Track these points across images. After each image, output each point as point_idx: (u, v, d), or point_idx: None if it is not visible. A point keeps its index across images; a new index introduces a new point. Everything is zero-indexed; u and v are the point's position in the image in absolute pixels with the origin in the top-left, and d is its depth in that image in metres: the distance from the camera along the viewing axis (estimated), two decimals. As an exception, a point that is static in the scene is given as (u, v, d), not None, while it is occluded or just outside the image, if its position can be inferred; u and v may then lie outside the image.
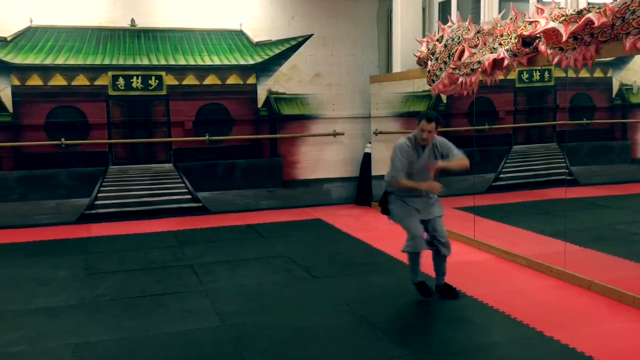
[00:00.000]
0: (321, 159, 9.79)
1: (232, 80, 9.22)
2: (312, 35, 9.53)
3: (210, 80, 9.13)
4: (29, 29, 8.31)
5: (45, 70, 8.41)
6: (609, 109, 10.71)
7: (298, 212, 9.31)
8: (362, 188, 9.78)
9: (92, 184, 8.77)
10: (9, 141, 8.35)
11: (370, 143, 9.65)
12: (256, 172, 9.50)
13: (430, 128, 4.99)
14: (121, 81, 8.75)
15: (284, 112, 9.52)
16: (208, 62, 9.09)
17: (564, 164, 9.90)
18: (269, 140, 9.52)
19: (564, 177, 9.42)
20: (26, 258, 6.78)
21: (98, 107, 8.69)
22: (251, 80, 9.32)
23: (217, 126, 9.22)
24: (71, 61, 8.49)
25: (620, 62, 10.42)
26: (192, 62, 9.03)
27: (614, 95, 10.57)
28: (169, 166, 9.15)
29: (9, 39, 8.24)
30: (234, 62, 9.20)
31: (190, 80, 9.04)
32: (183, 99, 9.04)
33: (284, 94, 9.49)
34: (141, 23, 8.76)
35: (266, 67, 9.37)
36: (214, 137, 9.20)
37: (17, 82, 8.32)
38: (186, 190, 9.23)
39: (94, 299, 5.35)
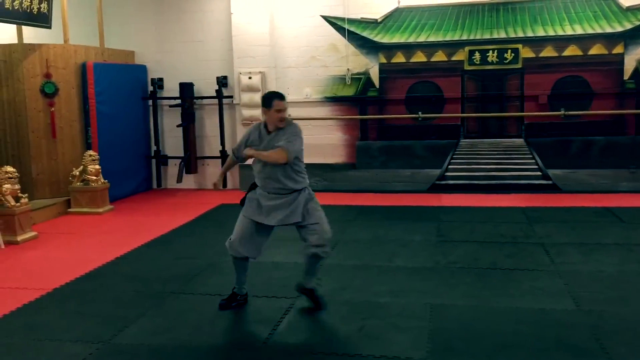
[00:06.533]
0: (701, 138, 8.44)
1: (595, 50, 8.53)
2: (699, -7, 8.19)
3: (570, 51, 8.60)
4: (396, 10, 9.01)
5: (408, 48, 9.03)
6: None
7: (667, 197, 8.22)
8: None
9: (444, 156, 9.17)
10: (375, 114, 9.27)
11: None
12: (617, 150, 8.68)
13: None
14: (477, 56, 8.88)
15: (655, 84, 8.45)
16: (569, 32, 8.58)
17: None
18: (634, 116, 8.57)
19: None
20: (386, 220, 7.47)
21: (453, 81, 9.00)
22: (618, 49, 8.48)
23: (574, 100, 8.68)
24: (431, 38, 8.94)
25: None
26: (551, 33, 8.63)
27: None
28: (519, 141, 8.99)
29: (379, 20, 9.07)
30: (598, 31, 8.49)
31: (547, 52, 8.67)
32: (539, 72, 8.74)
33: (658, 63, 8.40)
34: (501, -4, 8.72)
35: (637, 35, 8.40)
36: (570, 112, 8.69)
37: (383, 60, 9.13)
38: (536, 166, 8.95)
39: (447, 265, 5.63)
